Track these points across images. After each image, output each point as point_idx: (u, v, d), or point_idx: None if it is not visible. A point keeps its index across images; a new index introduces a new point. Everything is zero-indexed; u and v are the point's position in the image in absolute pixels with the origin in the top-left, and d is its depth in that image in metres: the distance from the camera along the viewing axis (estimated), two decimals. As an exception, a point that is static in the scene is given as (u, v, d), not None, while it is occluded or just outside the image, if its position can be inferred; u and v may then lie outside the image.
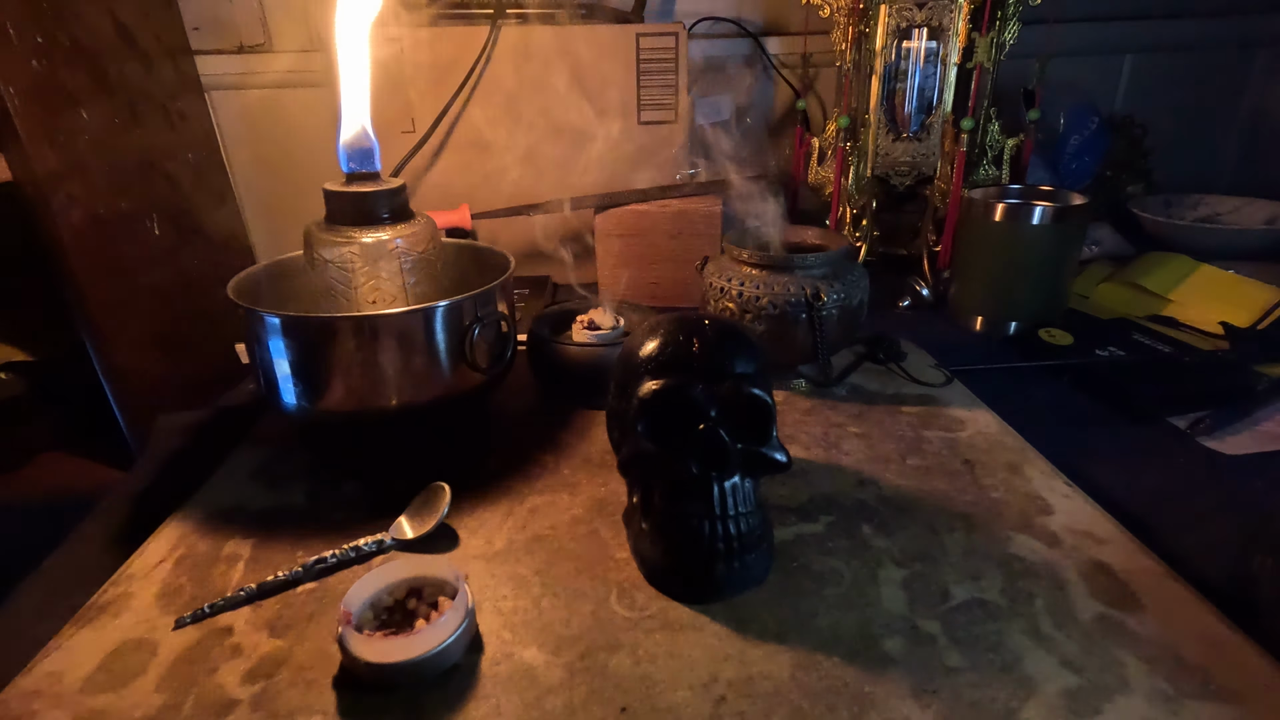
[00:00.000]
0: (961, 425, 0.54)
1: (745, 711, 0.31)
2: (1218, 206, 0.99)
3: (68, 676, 0.34)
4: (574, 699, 0.32)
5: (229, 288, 0.48)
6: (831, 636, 0.35)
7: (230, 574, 0.41)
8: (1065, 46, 0.94)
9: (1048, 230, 0.69)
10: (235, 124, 0.95)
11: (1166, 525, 0.44)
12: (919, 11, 0.79)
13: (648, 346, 0.39)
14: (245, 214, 0.98)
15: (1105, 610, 0.36)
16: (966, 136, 0.77)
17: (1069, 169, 0.94)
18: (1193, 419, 0.56)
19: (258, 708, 0.32)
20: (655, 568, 0.39)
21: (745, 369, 0.38)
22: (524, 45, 0.82)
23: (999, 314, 0.73)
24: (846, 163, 0.86)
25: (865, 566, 0.40)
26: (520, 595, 0.39)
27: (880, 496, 0.46)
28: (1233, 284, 0.76)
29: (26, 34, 0.59)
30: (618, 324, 0.61)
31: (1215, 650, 0.34)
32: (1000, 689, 0.32)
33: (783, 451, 0.39)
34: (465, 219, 0.82)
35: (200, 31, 0.91)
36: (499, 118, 0.84)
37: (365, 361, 0.46)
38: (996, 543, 0.42)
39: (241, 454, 0.53)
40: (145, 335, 0.68)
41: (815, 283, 0.56)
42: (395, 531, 0.43)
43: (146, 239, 0.72)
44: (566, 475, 0.49)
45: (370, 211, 0.49)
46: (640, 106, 0.85)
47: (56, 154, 0.61)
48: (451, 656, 0.33)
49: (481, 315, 0.49)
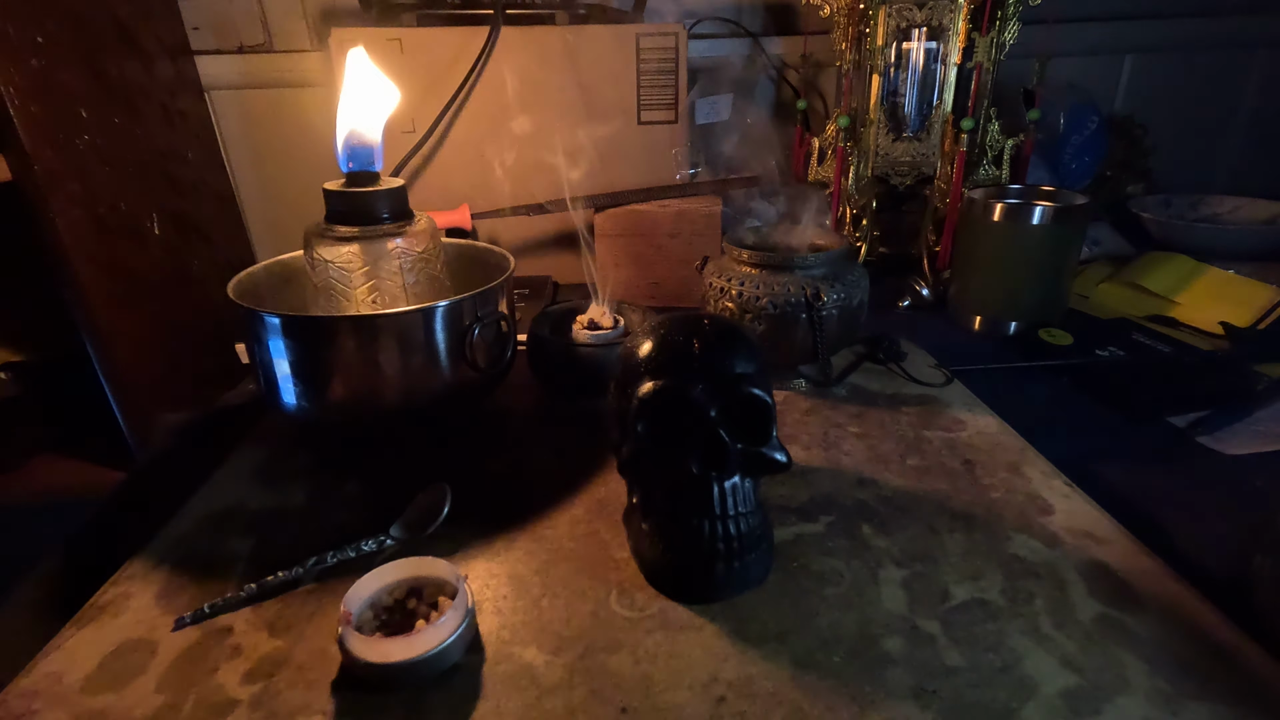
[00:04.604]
0: (961, 425, 0.54)
1: (745, 711, 0.31)
2: (1218, 206, 0.99)
3: (68, 676, 0.34)
4: (574, 699, 0.32)
5: (229, 288, 0.48)
6: (831, 636, 0.35)
7: (230, 574, 0.41)
8: (1065, 46, 0.94)
9: (1048, 230, 0.69)
10: (235, 124, 0.95)
11: (1166, 525, 0.45)
12: (919, 11, 0.79)
13: (647, 346, 0.39)
14: (245, 214, 0.98)
15: (1105, 610, 0.36)
16: (966, 136, 0.77)
17: (1069, 169, 0.94)
18: (1193, 419, 0.56)
19: (258, 708, 0.32)
20: (655, 568, 0.39)
21: (745, 369, 0.38)
22: (524, 45, 0.82)
23: (999, 314, 0.73)
24: (846, 163, 0.86)
25: (865, 566, 0.40)
26: (520, 595, 0.39)
27: (880, 496, 0.46)
28: (1233, 284, 0.76)
29: (26, 34, 0.59)
30: (618, 324, 0.61)
31: (1215, 650, 0.34)
32: (1000, 689, 0.32)
33: (783, 451, 0.39)
34: (465, 219, 0.82)
35: (200, 31, 0.91)
36: (499, 118, 0.84)
37: (365, 361, 0.46)
38: (996, 543, 0.42)
39: (241, 454, 0.53)
40: (145, 335, 0.68)
41: (815, 283, 0.56)
42: (395, 531, 0.43)
43: (146, 239, 0.72)
44: (566, 475, 0.49)
45: (370, 211, 0.49)
46: (640, 106, 0.85)
47: (56, 154, 0.61)
48: (451, 656, 0.34)
49: (481, 315, 0.49)
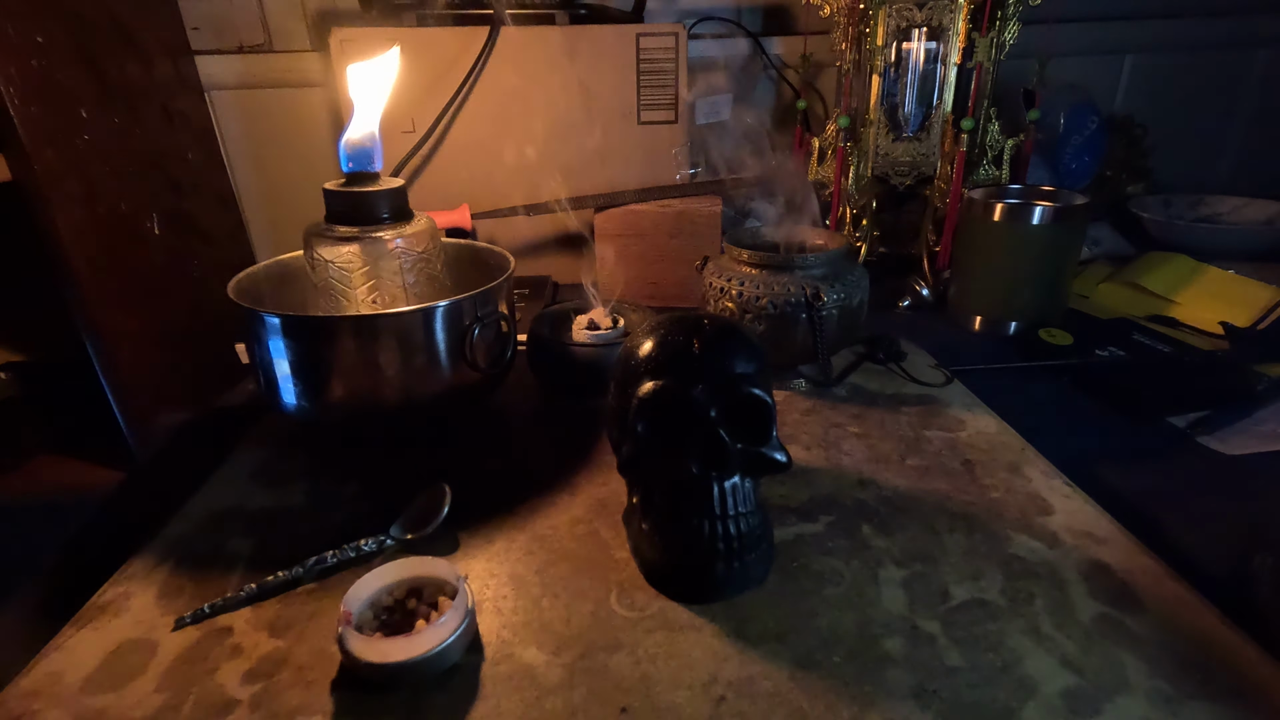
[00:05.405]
0: (961, 425, 0.54)
1: (745, 711, 0.31)
2: (1218, 206, 0.99)
3: (68, 676, 0.34)
4: (574, 699, 0.32)
5: (229, 288, 0.48)
6: (831, 636, 0.35)
7: (230, 574, 0.41)
8: (1065, 46, 0.94)
9: (1048, 230, 0.69)
10: (235, 124, 0.95)
11: (1166, 525, 0.44)
12: (919, 11, 0.79)
13: (647, 346, 0.39)
14: (245, 214, 0.98)
15: (1105, 610, 0.36)
16: (966, 136, 0.77)
17: (1069, 169, 0.94)
18: (1193, 419, 0.56)
19: (258, 708, 0.32)
20: (655, 568, 0.39)
21: (745, 369, 0.38)
22: (524, 45, 0.82)
23: (999, 314, 0.73)
24: (846, 163, 0.86)
25: (865, 566, 0.40)
26: (520, 595, 0.39)
27: (880, 496, 0.46)
28: (1233, 284, 0.76)
29: (26, 34, 0.59)
30: (618, 324, 0.61)
31: (1215, 650, 0.34)
32: (1000, 689, 0.32)
33: (783, 451, 0.39)
34: (465, 219, 0.82)
35: (200, 31, 0.91)
36: (499, 118, 0.84)
37: (365, 361, 0.46)
38: (996, 543, 0.42)
39: (241, 454, 0.53)
40: (145, 335, 0.67)
41: (815, 283, 0.56)
42: (395, 531, 0.43)
43: (146, 239, 0.71)
44: (566, 475, 0.49)
45: (370, 211, 0.49)
46: (640, 106, 0.85)
47: (56, 154, 0.61)
48: (451, 656, 0.34)
49: (481, 315, 0.49)
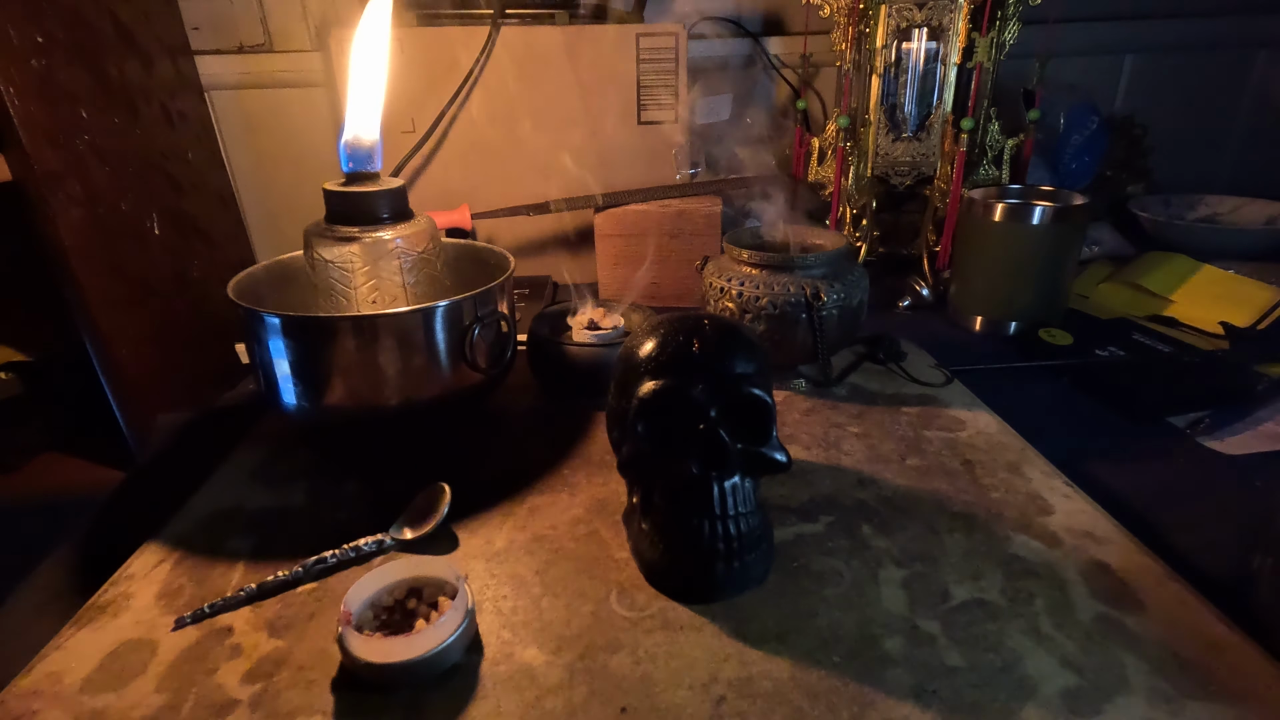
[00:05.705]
0: (961, 425, 0.54)
1: (745, 711, 0.31)
2: (1218, 206, 0.99)
3: (68, 676, 0.34)
4: (574, 699, 0.32)
5: (229, 288, 0.48)
6: (831, 636, 0.35)
7: (230, 574, 0.41)
8: (1065, 46, 0.94)
9: (1048, 230, 0.69)
10: (235, 124, 0.95)
11: (1166, 525, 0.45)
12: (919, 11, 0.79)
13: (648, 346, 0.39)
14: (245, 214, 0.98)
15: (1105, 610, 0.36)
16: (966, 136, 0.77)
17: (1069, 169, 0.94)
18: (1193, 419, 0.56)
19: (257, 708, 0.32)
20: (655, 568, 0.39)
21: (745, 369, 0.38)
22: (524, 45, 0.82)
23: (999, 314, 0.73)
24: (846, 163, 0.86)
25: (865, 566, 0.40)
26: (520, 595, 0.39)
27: (880, 496, 0.46)
28: (1233, 284, 0.76)
29: (26, 34, 0.59)
30: (618, 324, 0.61)
31: (1215, 650, 0.34)
32: (1000, 689, 0.32)
33: (783, 451, 0.39)
34: (465, 219, 0.82)
35: (200, 31, 0.91)
36: (499, 118, 0.84)
37: (365, 361, 0.46)
38: (996, 543, 0.42)
39: (241, 454, 0.53)
40: (145, 335, 0.67)
41: (815, 283, 0.56)
42: (395, 531, 0.43)
43: (146, 239, 0.72)
44: (566, 475, 0.49)
45: (370, 211, 0.49)
46: (640, 106, 0.85)
47: (56, 154, 0.61)
48: (451, 656, 0.34)
49: (481, 315, 0.49)
